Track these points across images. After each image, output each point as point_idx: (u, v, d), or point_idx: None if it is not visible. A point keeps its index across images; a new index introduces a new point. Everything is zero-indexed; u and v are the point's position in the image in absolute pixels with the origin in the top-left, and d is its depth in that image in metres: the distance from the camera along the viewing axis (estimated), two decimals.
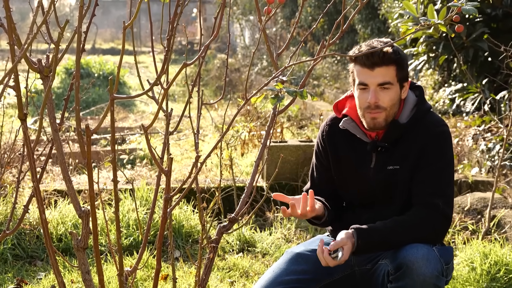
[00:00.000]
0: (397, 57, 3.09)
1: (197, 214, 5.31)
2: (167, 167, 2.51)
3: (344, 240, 3.03)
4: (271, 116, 3.12)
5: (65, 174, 2.70)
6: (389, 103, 3.11)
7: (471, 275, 4.21)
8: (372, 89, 3.09)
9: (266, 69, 16.50)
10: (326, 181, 3.37)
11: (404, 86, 3.16)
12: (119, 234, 2.47)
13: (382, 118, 3.13)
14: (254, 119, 8.16)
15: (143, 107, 14.02)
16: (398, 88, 3.13)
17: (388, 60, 3.07)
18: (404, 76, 3.14)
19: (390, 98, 3.11)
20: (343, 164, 3.30)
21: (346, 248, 3.01)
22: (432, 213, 3.09)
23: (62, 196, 5.46)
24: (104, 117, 2.35)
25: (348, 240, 3.03)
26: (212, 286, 4.22)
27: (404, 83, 3.16)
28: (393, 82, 3.10)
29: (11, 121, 8.48)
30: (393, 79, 3.10)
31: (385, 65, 3.07)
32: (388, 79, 3.09)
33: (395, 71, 3.10)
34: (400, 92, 3.15)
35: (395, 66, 3.09)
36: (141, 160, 7.99)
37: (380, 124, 3.14)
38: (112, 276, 4.27)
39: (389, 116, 3.14)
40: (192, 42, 27.78)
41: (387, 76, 3.09)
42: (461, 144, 6.93)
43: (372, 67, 3.08)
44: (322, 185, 3.37)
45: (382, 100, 3.10)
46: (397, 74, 3.10)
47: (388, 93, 3.10)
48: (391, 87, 3.10)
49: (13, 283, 4.27)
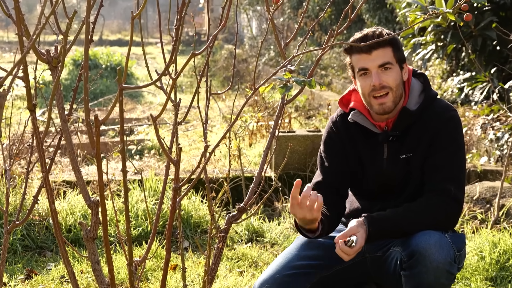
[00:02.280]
0: (391, 39, 3.11)
1: (205, 204, 5.31)
2: (176, 157, 2.51)
3: (355, 228, 3.03)
4: (279, 106, 3.12)
5: (74, 164, 2.71)
6: (393, 82, 3.12)
7: (480, 264, 4.21)
8: (374, 71, 3.10)
9: (274, 60, 16.48)
10: (339, 170, 3.32)
11: (403, 68, 3.18)
12: (129, 224, 2.47)
13: (390, 100, 3.12)
14: (262, 109, 8.16)
15: (151, 98, 14.02)
16: (398, 69, 3.14)
17: (383, 42, 3.09)
18: (401, 57, 3.17)
19: (393, 78, 3.12)
20: (355, 157, 3.29)
21: (359, 234, 3.01)
22: (444, 198, 3.09)
23: (71, 187, 5.48)
24: (113, 107, 2.35)
25: (360, 228, 3.03)
26: (221, 276, 4.23)
27: (402, 64, 3.17)
28: (392, 62, 3.12)
29: (19, 112, 8.49)
30: (391, 59, 3.12)
31: (381, 47, 3.10)
32: (387, 59, 3.11)
33: (392, 52, 3.12)
34: (401, 73, 3.16)
35: (391, 47, 3.12)
36: (149, 151, 8.00)
37: (390, 108, 3.13)
38: (121, 267, 4.29)
39: (396, 97, 3.14)
40: (199, 33, 27.76)
41: (386, 57, 3.11)
42: (470, 134, 6.92)
43: (369, 51, 3.10)
44: (335, 175, 3.33)
45: (386, 80, 3.11)
46: (395, 55, 3.13)
47: (390, 73, 3.11)
48: (392, 67, 3.12)
49: (23, 274, 4.29)
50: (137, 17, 2.37)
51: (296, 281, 3.23)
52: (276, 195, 5.81)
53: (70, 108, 2.95)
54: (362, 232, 3.03)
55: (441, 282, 2.99)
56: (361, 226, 3.05)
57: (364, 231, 3.03)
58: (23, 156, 5.87)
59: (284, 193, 5.83)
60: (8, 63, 19.42)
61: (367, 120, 3.23)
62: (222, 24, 2.61)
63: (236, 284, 4.07)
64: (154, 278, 4.21)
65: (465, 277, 4.13)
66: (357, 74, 3.15)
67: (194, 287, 4.02)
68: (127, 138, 8.66)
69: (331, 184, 3.32)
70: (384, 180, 3.24)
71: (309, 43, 16.98)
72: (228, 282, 4.08)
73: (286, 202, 5.69)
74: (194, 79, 16.70)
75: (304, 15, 3.16)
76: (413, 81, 3.24)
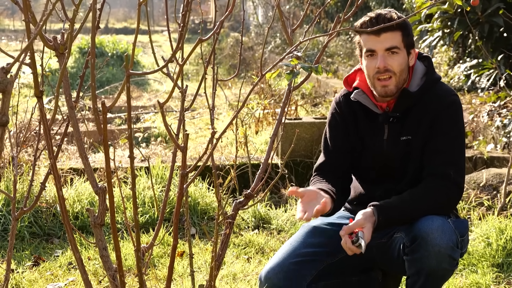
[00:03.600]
0: (402, 23, 3.11)
1: (212, 191, 5.32)
2: (183, 143, 2.51)
3: (361, 222, 3.02)
4: (286, 92, 3.12)
5: (81, 151, 2.71)
6: (398, 68, 3.12)
7: (486, 251, 4.21)
8: (380, 54, 3.10)
9: (280, 47, 16.46)
10: (341, 149, 3.33)
11: (411, 53, 3.17)
12: (136, 210, 2.48)
13: (393, 84, 3.13)
14: (268, 97, 8.15)
15: (157, 86, 14.02)
16: (405, 54, 3.14)
17: (393, 26, 3.08)
18: (410, 43, 3.16)
19: (398, 63, 3.12)
20: (357, 137, 3.30)
21: (366, 229, 3.01)
22: (445, 183, 3.09)
23: (78, 174, 5.49)
24: (120, 93, 2.36)
25: (366, 222, 3.03)
26: (228, 263, 4.24)
27: (410, 49, 3.17)
28: (400, 47, 3.11)
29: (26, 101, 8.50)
30: (400, 44, 3.11)
31: (390, 31, 3.10)
32: (395, 44, 3.11)
33: (401, 36, 3.12)
34: (408, 59, 3.16)
35: (401, 32, 3.12)
36: (156, 138, 8.01)
37: (392, 91, 3.14)
38: (128, 253, 4.30)
39: (399, 82, 3.14)
40: (205, 21, 27.71)
41: (394, 41, 3.10)
42: (477, 121, 6.90)
43: (378, 33, 3.10)
44: (337, 155, 3.34)
45: (391, 64, 3.11)
46: (403, 40, 3.12)
47: (396, 58, 3.11)
48: (399, 52, 3.11)
49: (31, 261, 4.31)
50: (144, 3, 2.37)
51: (302, 268, 3.24)
52: (283, 182, 5.81)
53: (77, 95, 2.95)
54: (368, 227, 3.02)
55: (443, 267, 3.00)
56: (368, 219, 3.03)
57: (371, 224, 3.03)
58: (30, 143, 5.88)
59: (290, 180, 5.83)
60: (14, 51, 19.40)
61: (369, 100, 3.24)
62: (229, 10, 2.61)
63: (243, 270, 4.08)
64: (161, 265, 4.22)
65: (471, 264, 4.14)
66: (364, 54, 3.16)
67: (201, 274, 4.03)
68: (133, 126, 8.67)
69: (335, 164, 3.33)
70: (384, 161, 3.24)
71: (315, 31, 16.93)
72: (235, 269, 4.09)
73: None
74: (200, 67, 16.70)
75: (311, 2, 3.16)
76: (417, 64, 3.24)
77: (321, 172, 3.35)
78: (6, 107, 2.38)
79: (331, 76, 11.86)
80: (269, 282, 3.23)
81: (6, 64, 2.43)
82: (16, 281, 3.93)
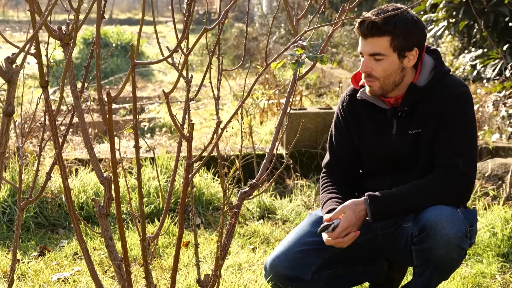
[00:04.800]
0: (390, 28, 3.03)
1: (217, 181, 5.33)
2: (188, 132, 2.51)
3: (342, 209, 3.07)
4: (291, 82, 3.11)
5: (86, 141, 2.71)
6: (381, 73, 3.09)
7: (492, 241, 4.21)
8: (365, 58, 3.10)
9: (284, 38, 16.42)
10: (346, 151, 3.36)
11: (406, 56, 3.10)
12: (142, 199, 2.48)
13: (376, 86, 3.14)
14: (272, 87, 8.14)
15: (162, 76, 14.01)
16: (395, 58, 3.08)
17: (378, 31, 3.03)
18: (404, 46, 3.07)
19: (382, 69, 3.08)
20: (365, 134, 3.29)
21: (344, 216, 3.04)
22: (452, 174, 3.08)
23: (83, 165, 5.50)
24: (125, 83, 2.35)
25: (347, 209, 3.05)
26: (233, 253, 4.24)
27: (405, 52, 3.09)
28: (385, 53, 3.06)
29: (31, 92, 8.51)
30: (385, 50, 3.06)
31: (375, 36, 3.05)
32: (378, 50, 3.06)
33: (388, 41, 3.05)
34: (401, 61, 3.10)
35: (390, 37, 3.04)
36: (161, 129, 8.01)
37: (376, 92, 3.15)
38: (133, 244, 4.31)
39: (385, 85, 3.13)
40: (210, 12, 27.67)
41: (378, 47, 3.06)
42: (482, 111, 6.89)
43: (365, 37, 3.09)
44: (342, 156, 3.36)
45: (374, 70, 3.10)
46: (393, 44, 3.05)
47: (381, 64, 3.08)
48: (384, 58, 3.07)
49: (36, 251, 4.32)
50: None
51: (307, 257, 3.25)
52: (288, 173, 5.81)
53: (82, 85, 2.95)
54: (349, 214, 3.05)
55: (451, 256, 3.00)
56: (351, 206, 3.06)
57: (353, 212, 3.05)
58: (35, 134, 5.89)
59: (295, 171, 5.83)
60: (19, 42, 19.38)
61: (376, 97, 3.23)
62: (234, 0, 2.60)
63: (248, 260, 4.08)
64: (167, 255, 4.23)
65: (477, 253, 4.14)
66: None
67: (206, 264, 4.04)
68: (138, 116, 8.67)
69: (341, 162, 3.35)
70: (393, 156, 3.24)
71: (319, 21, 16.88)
72: (240, 259, 4.09)
73: (297, 179, 5.70)
74: (204, 57, 16.68)
75: None
76: (425, 58, 3.22)
77: (329, 170, 3.39)
78: (12, 97, 2.38)
79: (336, 66, 11.84)
80: (274, 270, 3.24)
81: (11, 54, 2.44)
82: (22, 271, 3.94)
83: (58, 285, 3.71)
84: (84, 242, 2.77)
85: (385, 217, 3.12)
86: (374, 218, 3.06)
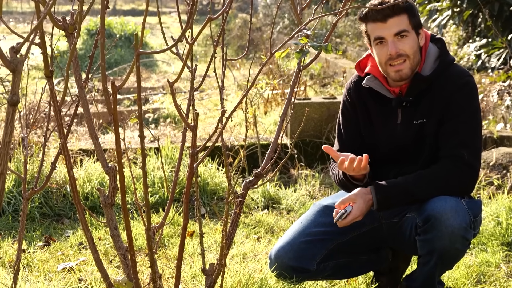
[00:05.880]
0: (406, 5, 3.10)
1: (221, 171, 5.33)
2: (193, 122, 2.51)
3: (353, 197, 3.06)
4: (295, 72, 3.11)
5: (91, 131, 2.72)
6: (410, 50, 3.10)
7: (496, 230, 4.21)
8: (390, 40, 3.08)
9: (288, 28, 16.39)
10: (353, 138, 3.34)
11: (420, 33, 3.16)
12: (147, 188, 2.49)
13: (407, 68, 3.11)
14: (276, 77, 8.13)
15: (165, 67, 14.00)
16: (414, 36, 3.12)
17: (399, 10, 3.07)
18: (417, 23, 3.14)
19: (410, 46, 3.10)
20: (371, 120, 3.29)
21: (355, 205, 3.04)
22: (457, 164, 3.07)
23: (87, 155, 5.51)
24: (130, 72, 2.35)
25: (358, 197, 3.05)
26: (238, 242, 4.25)
27: (419, 30, 3.15)
28: (408, 29, 3.10)
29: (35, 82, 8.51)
30: (408, 27, 3.10)
31: (396, 15, 3.08)
32: (403, 27, 3.09)
33: (407, 19, 3.10)
34: (418, 40, 3.13)
35: (407, 14, 3.10)
36: (165, 119, 8.02)
37: (406, 75, 3.12)
38: (138, 233, 4.32)
39: (413, 64, 3.12)
40: (214, 2, 27.61)
41: (402, 25, 3.09)
42: (486, 100, 6.87)
43: (384, 20, 3.08)
44: (350, 144, 3.34)
45: (402, 48, 3.09)
46: (411, 22, 3.11)
47: (407, 41, 3.09)
48: (408, 35, 3.10)
49: (42, 241, 4.33)
50: None
51: (312, 247, 3.25)
52: (292, 162, 5.81)
53: (87, 75, 2.95)
54: (360, 202, 3.05)
55: (455, 247, 3.00)
56: (361, 195, 3.06)
57: (364, 201, 3.05)
58: (39, 125, 5.89)
59: (299, 160, 5.83)
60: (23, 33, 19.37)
61: (381, 86, 3.22)
62: None
63: (253, 250, 4.09)
64: (172, 245, 4.24)
65: (481, 242, 4.14)
66: (373, 42, 3.14)
67: (211, 253, 4.05)
68: (142, 107, 8.66)
69: (348, 151, 3.33)
70: (398, 146, 3.23)
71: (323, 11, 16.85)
72: (245, 248, 4.10)
73: (302, 169, 5.70)
74: (208, 48, 16.66)
75: None
76: (430, 47, 3.21)
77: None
78: (17, 87, 2.38)
79: (339, 56, 11.81)
80: (279, 260, 3.24)
81: (16, 44, 2.44)
82: (28, 261, 3.96)
83: (63, 274, 3.72)
84: (90, 231, 2.77)
85: (390, 206, 3.11)
86: (379, 206, 3.06)
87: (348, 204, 3.06)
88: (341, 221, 3.05)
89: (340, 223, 3.06)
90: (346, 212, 3.04)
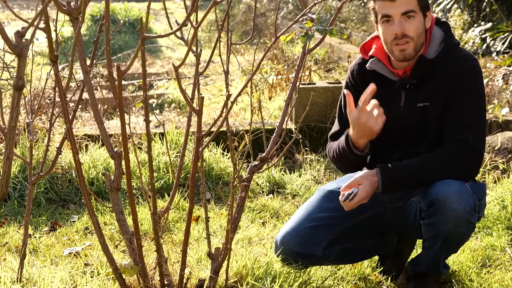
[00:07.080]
0: None
1: (226, 156, 5.34)
2: (198, 106, 2.52)
3: (359, 179, 3.06)
4: (300, 55, 3.11)
5: (96, 115, 2.72)
6: (415, 32, 3.09)
7: (501, 214, 4.21)
8: (397, 19, 3.07)
9: (292, 13, 16.36)
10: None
11: (426, 15, 3.14)
12: (152, 173, 2.49)
13: (411, 48, 3.10)
14: (281, 62, 8.12)
15: (170, 53, 13.99)
16: (421, 17, 3.11)
17: None
18: (425, 5, 3.13)
19: (415, 28, 3.08)
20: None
21: (361, 187, 3.04)
22: (462, 148, 3.07)
23: (92, 141, 5.51)
24: (135, 57, 2.35)
25: (364, 179, 3.05)
26: (243, 227, 4.26)
27: (426, 11, 3.13)
28: (416, 10, 3.08)
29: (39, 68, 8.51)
30: (415, 7, 3.08)
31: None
32: (411, 7, 3.07)
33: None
34: (424, 22, 3.13)
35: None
36: (169, 105, 8.02)
37: (410, 55, 3.11)
38: (144, 218, 4.33)
39: (417, 46, 3.11)
40: None
41: (410, 4, 3.07)
42: (491, 85, 6.86)
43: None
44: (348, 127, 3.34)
45: (408, 29, 3.07)
46: (419, 2, 3.09)
47: (413, 22, 3.08)
48: (415, 15, 3.08)
49: (47, 226, 4.35)
50: None
51: (318, 232, 3.26)
52: (297, 147, 5.81)
53: (92, 60, 2.96)
54: (366, 184, 3.05)
55: (460, 231, 3.00)
56: (367, 177, 3.06)
57: (369, 183, 3.05)
58: (44, 111, 5.90)
59: (304, 145, 5.83)
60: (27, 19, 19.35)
61: (385, 68, 3.21)
62: None
63: (258, 234, 4.10)
64: (177, 230, 4.25)
65: (486, 226, 4.14)
66: (379, 20, 3.13)
67: (216, 238, 4.06)
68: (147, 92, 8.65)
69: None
70: (401, 127, 3.22)
71: None
72: (250, 233, 4.11)
73: (307, 154, 5.70)
74: (212, 34, 16.65)
75: None
76: (435, 30, 3.20)
77: (336, 140, 3.35)
78: (22, 71, 2.38)
79: (344, 41, 11.79)
80: (285, 246, 3.25)
81: (21, 28, 2.44)
82: (34, 245, 3.97)
83: (69, 259, 3.73)
84: (95, 215, 2.78)
85: (394, 188, 3.12)
86: (384, 189, 3.06)
87: (354, 186, 3.07)
88: (347, 202, 3.05)
89: (347, 205, 3.06)
90: (353, 193, 3.04)
